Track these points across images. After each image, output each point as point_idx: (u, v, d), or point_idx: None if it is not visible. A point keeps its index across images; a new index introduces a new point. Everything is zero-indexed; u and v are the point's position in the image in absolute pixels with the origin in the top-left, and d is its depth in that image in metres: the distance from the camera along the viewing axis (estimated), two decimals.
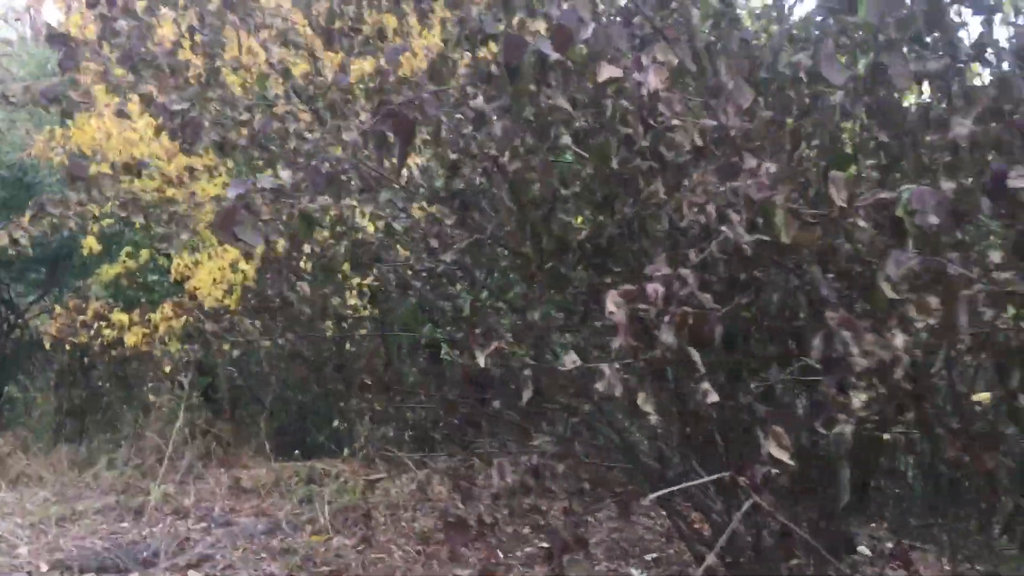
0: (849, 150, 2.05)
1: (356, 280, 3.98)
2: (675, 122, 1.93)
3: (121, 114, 3.09)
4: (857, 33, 1.76)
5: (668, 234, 2.19)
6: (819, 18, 2.07)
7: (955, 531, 3.37)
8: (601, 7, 2.65)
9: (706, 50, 2.05)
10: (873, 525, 4.61)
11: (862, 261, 1.62)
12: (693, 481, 2.18)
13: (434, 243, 3.02)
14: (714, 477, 1.99)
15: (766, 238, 1.63)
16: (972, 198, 1.47)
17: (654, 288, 1.66)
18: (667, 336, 1.61)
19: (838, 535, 2.97)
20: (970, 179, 1.54)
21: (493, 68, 2.09)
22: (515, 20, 2.56)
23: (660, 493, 1.95)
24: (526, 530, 4.75)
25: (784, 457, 1.56)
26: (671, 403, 2.69)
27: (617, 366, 1.91)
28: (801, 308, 1.88)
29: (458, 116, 2.55)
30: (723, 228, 1.78)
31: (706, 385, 1.94)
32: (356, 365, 3.46)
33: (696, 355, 1.61)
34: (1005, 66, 1.90)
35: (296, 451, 6.21)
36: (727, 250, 1.88)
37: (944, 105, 2.09)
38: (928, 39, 1.86)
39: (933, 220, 1.44)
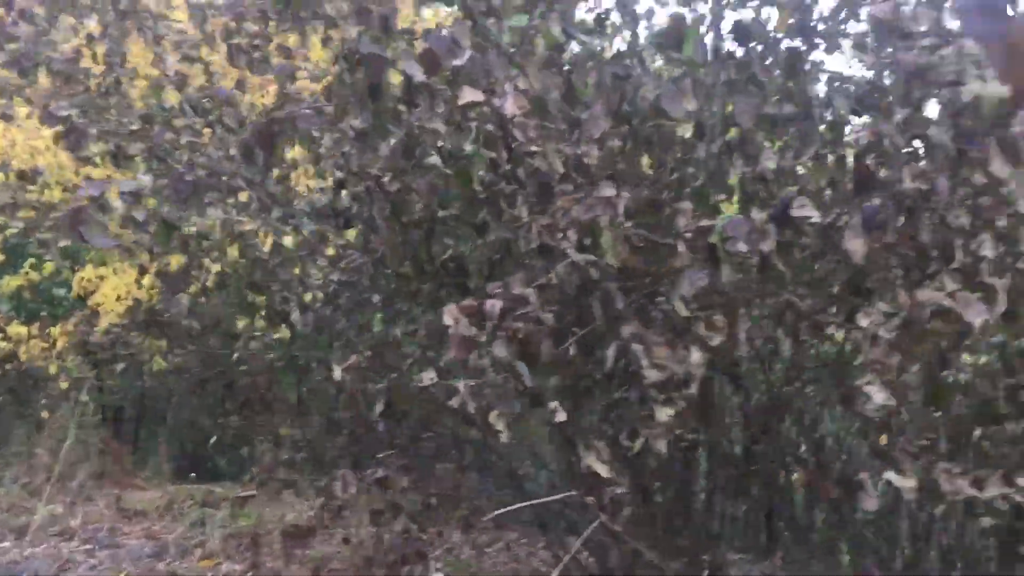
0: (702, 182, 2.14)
1: (262, 298, 3.94)
2: (534, 148, 2.00)
3: (6, 117, 3.04)
4: (686, 69, 1.86)
5: (532, 255, 2.24)
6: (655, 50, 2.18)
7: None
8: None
9: (573, 81, 2.12)
10: (768, 562, 4.70)
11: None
12: (544, 499, 2.20)
13: (322, 262, 3.03)
14: (560, 496, 2.03)
15: (593, 257, 1.70)
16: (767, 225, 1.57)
17: (492, 304, 1.70)
18: (500, 350, 1.65)
19: (713, 564, 3.03)
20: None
21: (358, 87, 2.13)
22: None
23: (501, 511, 1.97)
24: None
25: (603, 471, 1.60)
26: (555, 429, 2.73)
27: (472, 383, 1.95)
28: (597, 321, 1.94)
29: (342, 134, 2.58)
30: (567, 251, 1.84)
31: (554, 404, 1.98)
32: (242, 383, 3.41)
33: (524, 369, 1.65)
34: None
35: (192, 474, 6.06)
36: (576, 272, 1.94)
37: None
38: (764, 79, 1.97)
39: (742, 247, 1.52)
